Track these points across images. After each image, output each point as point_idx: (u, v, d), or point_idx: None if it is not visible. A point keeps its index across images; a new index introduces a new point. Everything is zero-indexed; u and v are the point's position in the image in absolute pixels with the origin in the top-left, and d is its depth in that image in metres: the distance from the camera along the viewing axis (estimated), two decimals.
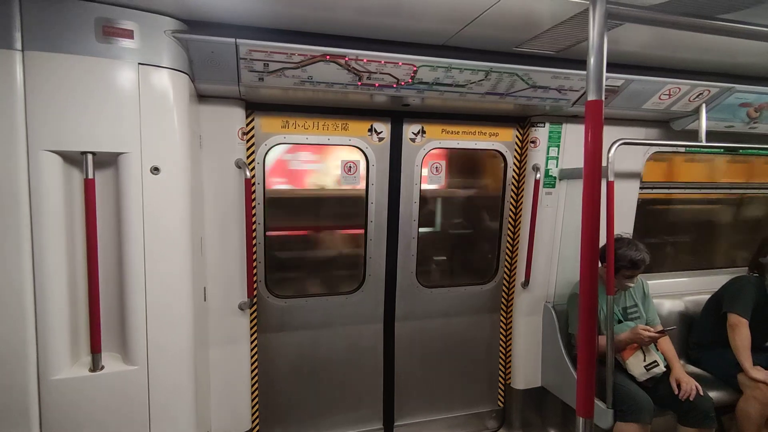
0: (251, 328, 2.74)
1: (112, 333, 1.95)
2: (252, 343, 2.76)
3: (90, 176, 1.80)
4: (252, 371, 2.77)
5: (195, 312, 2.11)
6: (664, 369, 2.69)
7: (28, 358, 1.78)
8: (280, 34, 2.04)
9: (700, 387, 2.62)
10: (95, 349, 1.88)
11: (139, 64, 1.83)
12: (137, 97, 1.83)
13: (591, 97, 1.15)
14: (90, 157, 1.79)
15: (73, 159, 1.81)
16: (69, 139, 1.76)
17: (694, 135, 2.91)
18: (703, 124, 2.86)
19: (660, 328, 2.88)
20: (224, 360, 2.62)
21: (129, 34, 1.80)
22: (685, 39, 2.17)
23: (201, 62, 2.04)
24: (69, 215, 1.83)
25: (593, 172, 1.16)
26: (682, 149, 3.12)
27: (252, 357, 2.76)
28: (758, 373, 2.75)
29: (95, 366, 1.88)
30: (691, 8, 1.72)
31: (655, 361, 2.68)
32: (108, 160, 1.85)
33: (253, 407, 2.79)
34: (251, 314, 2.73)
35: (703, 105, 2.83)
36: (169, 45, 1.89)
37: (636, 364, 2.69)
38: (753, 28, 1.36)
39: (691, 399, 2.58)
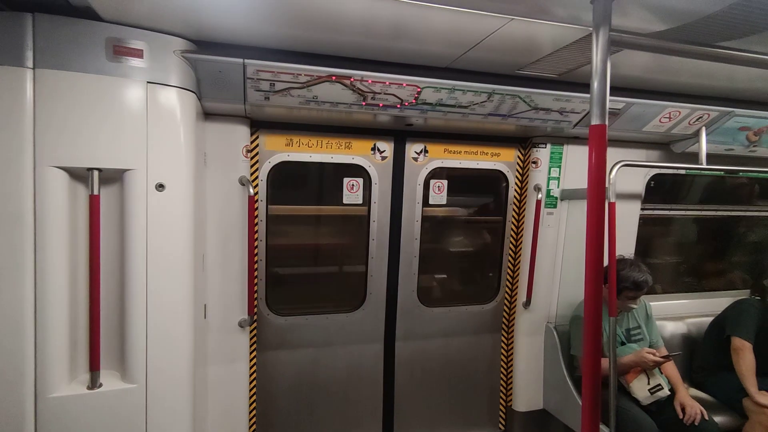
0: (251, 346, 2.71)
1: (111, 350, 1.93)
2: (251, 361, 2.73)
3: (95, 192, 1.80)
4: (250, 390, 2.73)
5: (195, 331, 2.09)
6: (669, 393, 2.66)
7: (26, 375, 1.75)
8: (286, 55, 2.07)
9: (705, 411, 2.58)
10: (94, 366, 1.85)
11: (148, 82, 1.85)
12: (145, 115, 1.85)
13: (594, 121, 1.16)
14: (96, 173, 1.80)
15: (78, 175, 1.82)
16: (76, 155, 1.77)
17: (694, 157, 2.94)
18: (704, 146, 2.88)
19: (664, 350, 2.85)
20: (223, 378, 2.59)
21: (139, 54, 1.83)
22: (686, 64, 2.20)
23: (208, 81, 2.07)
24: (72, 231, 1.83)
25: (597, 195, 1.17)
26: (683, 171, 3.14)
27: (251, 375, 2.73)
28: (764, 398, 2.71)
29: (93, 384, 1.86)
30: (691, 36, 1.75)
31: (659, 385, 2.64)
32: (113, 177, 1.86)
33: (250, 426, 2.74)
34: (251, 332, 2.71)
35: (703, 128, 2.86)
36: (178, 64, 1.92)
37: (640, 388, 2.66)
38: (752, 56, 1.39)
39: (696, 423, 2.54)
